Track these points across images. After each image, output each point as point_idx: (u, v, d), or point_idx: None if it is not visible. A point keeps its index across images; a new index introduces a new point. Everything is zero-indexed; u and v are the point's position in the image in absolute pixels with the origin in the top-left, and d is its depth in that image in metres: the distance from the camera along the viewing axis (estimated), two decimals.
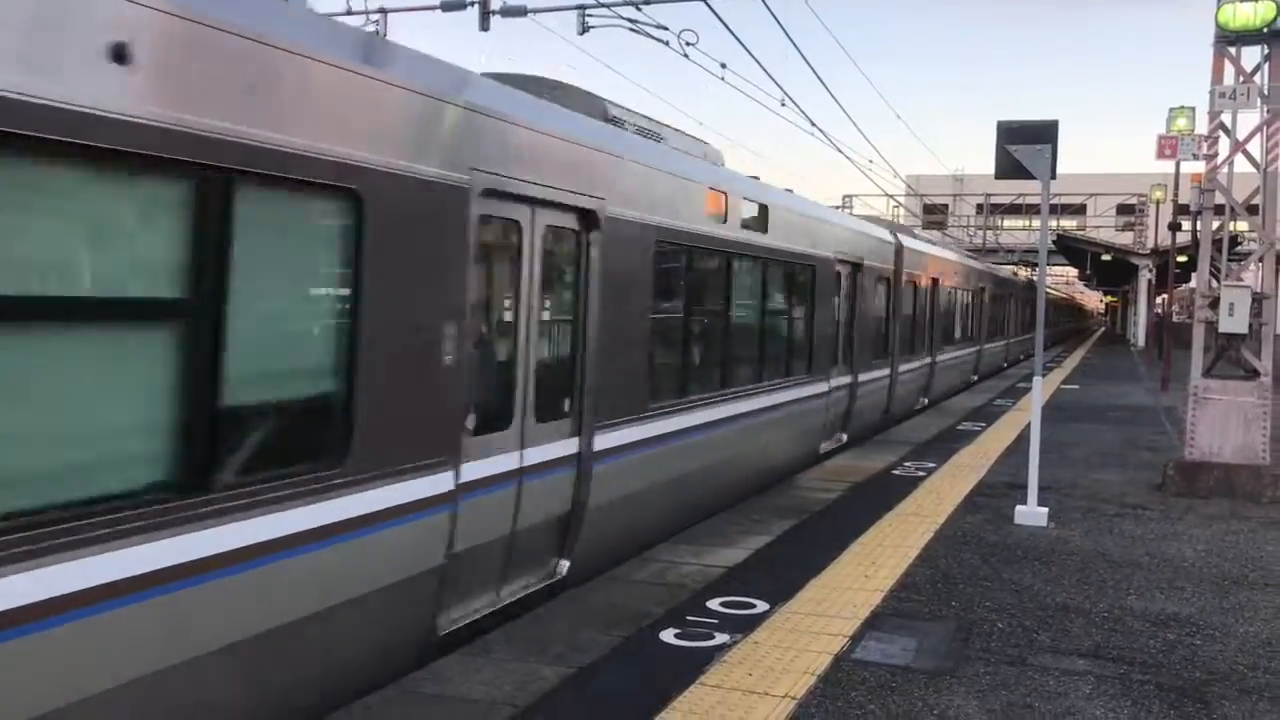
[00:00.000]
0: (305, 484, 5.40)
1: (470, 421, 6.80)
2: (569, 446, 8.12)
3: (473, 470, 6.83)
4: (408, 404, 6.16)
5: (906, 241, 20.30)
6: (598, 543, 8.58)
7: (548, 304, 7.83)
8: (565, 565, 8.24)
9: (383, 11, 17.92)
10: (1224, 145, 13.14)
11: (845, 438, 16.02)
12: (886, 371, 18.51)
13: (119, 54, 4.32)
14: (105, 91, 4.27)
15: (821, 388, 14.44)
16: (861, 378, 16.51)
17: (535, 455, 7.65)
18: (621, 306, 8.73)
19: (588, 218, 8.21)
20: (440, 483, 6.47)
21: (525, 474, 7.52)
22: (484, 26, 16.25)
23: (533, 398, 7.58)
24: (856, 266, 16.06)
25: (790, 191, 14.56)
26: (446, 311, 6.47)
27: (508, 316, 7.37)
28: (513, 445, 7.38)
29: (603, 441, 8.47)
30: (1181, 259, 34.44)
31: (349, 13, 17.33)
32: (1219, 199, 13.14)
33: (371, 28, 17.04)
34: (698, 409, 10.45)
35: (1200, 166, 14.95)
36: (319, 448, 5.60)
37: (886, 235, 18.87)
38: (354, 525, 5.74)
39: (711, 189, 10.59)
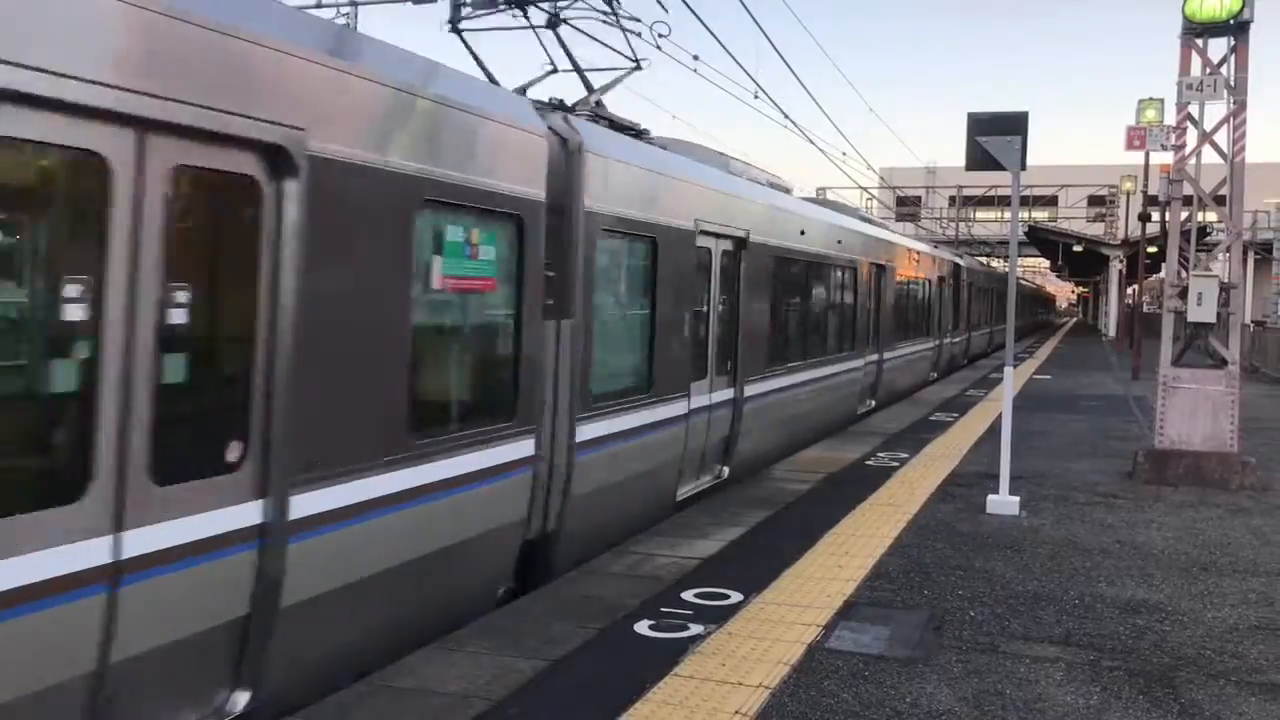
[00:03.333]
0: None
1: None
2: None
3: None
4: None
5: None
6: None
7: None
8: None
9: (353, 4, 17.76)
10: (1192, 136, 13.24)
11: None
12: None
13: None
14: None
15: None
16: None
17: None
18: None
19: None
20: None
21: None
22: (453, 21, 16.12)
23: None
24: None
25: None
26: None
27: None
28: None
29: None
30: (1151, 249, 34.70)
31: (319, 5, 17.17)
32: (1187, 190, 13.25)
33: (342, 20, 16.90)
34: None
35: (1169, 158, 15.08)
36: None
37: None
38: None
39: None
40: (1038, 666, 6.32)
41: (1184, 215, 13.68)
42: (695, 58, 16.95)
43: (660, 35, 14.99)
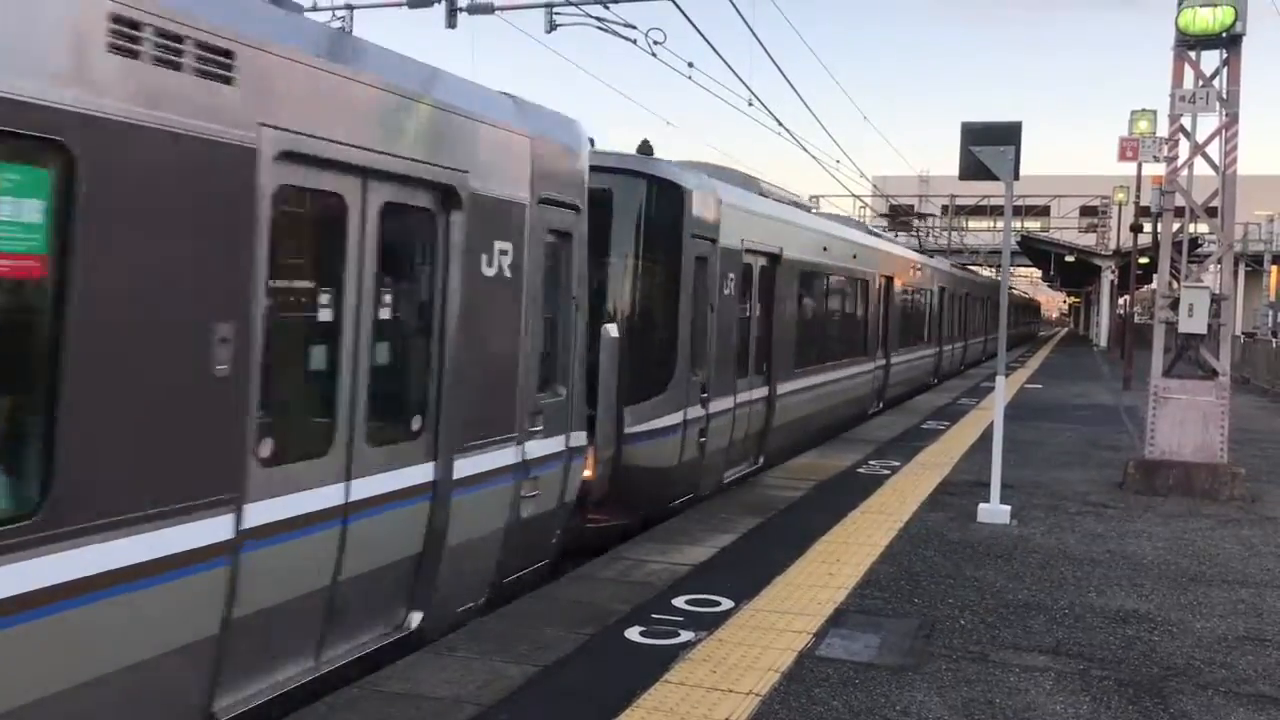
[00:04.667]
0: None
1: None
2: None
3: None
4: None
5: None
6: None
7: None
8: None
9: (349, 7, 17.78)
10: (1184, 148, 13.31)
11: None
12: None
13: None
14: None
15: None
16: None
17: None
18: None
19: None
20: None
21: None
22: (451, 24, 16.14)
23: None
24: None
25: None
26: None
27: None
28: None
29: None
30: (1143, 260, 34.80)
31: (315, 9, 17.19)
32: (1179, 201, 13.30)
33: (337, 24, 16.92)
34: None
35: (1161, 169, 15.13)
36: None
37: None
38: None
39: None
40: (1028, 675, 6.33)
41: (1176, 226, 13.74)
42: (690, 65, 16.99)
43: (655, 42, 15.05)
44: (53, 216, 4.19)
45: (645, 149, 11.96)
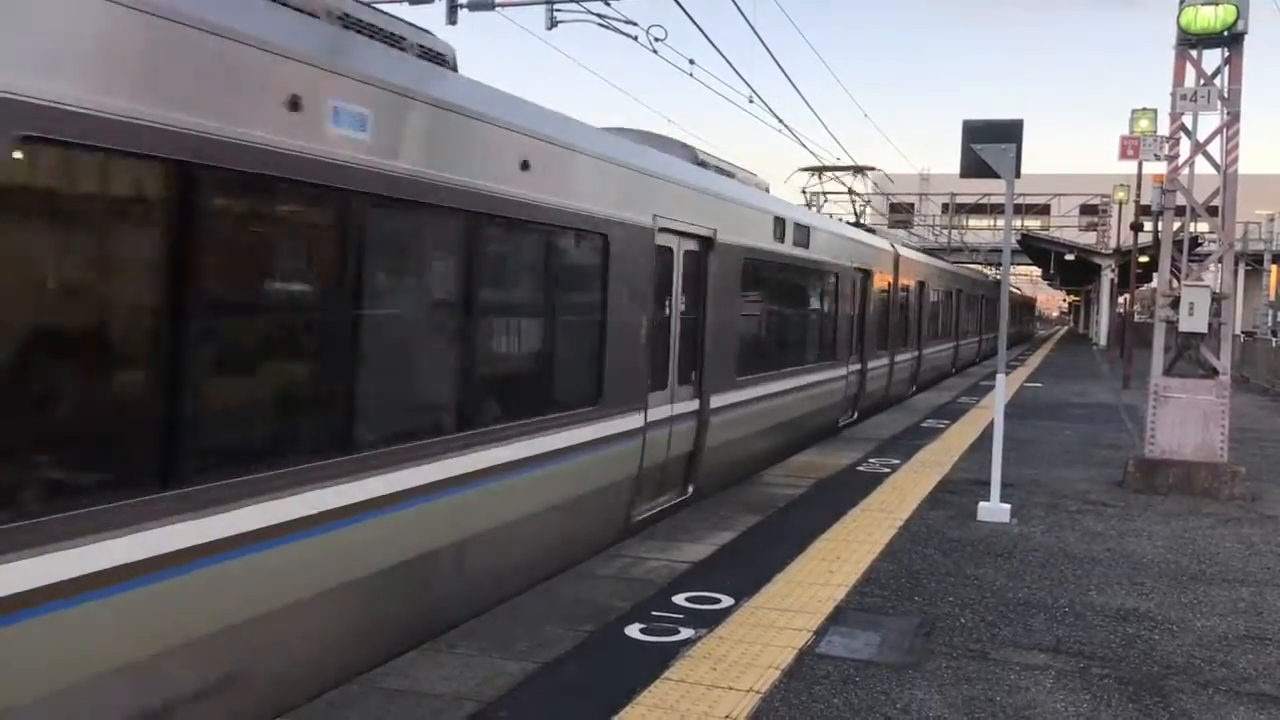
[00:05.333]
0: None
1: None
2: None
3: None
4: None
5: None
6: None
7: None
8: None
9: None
10: (1185, 147, 13.29)
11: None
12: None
13: None
14: None
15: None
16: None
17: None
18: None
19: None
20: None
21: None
22: (451, 20, 16.14)
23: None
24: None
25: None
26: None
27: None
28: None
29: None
30: (1143, 259, 34.78)
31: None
32: (1180, 200, 13.28)
33: None
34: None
35: (1162, 167, 15.12)
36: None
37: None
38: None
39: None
40: (1028, 674, 6.33)
41: (1176, 225, 13.73)
42: (691, 61, 17.00)
43: (656, 39, 15.04)
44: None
45: None
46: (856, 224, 23.40)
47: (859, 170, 25.36)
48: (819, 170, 24.50)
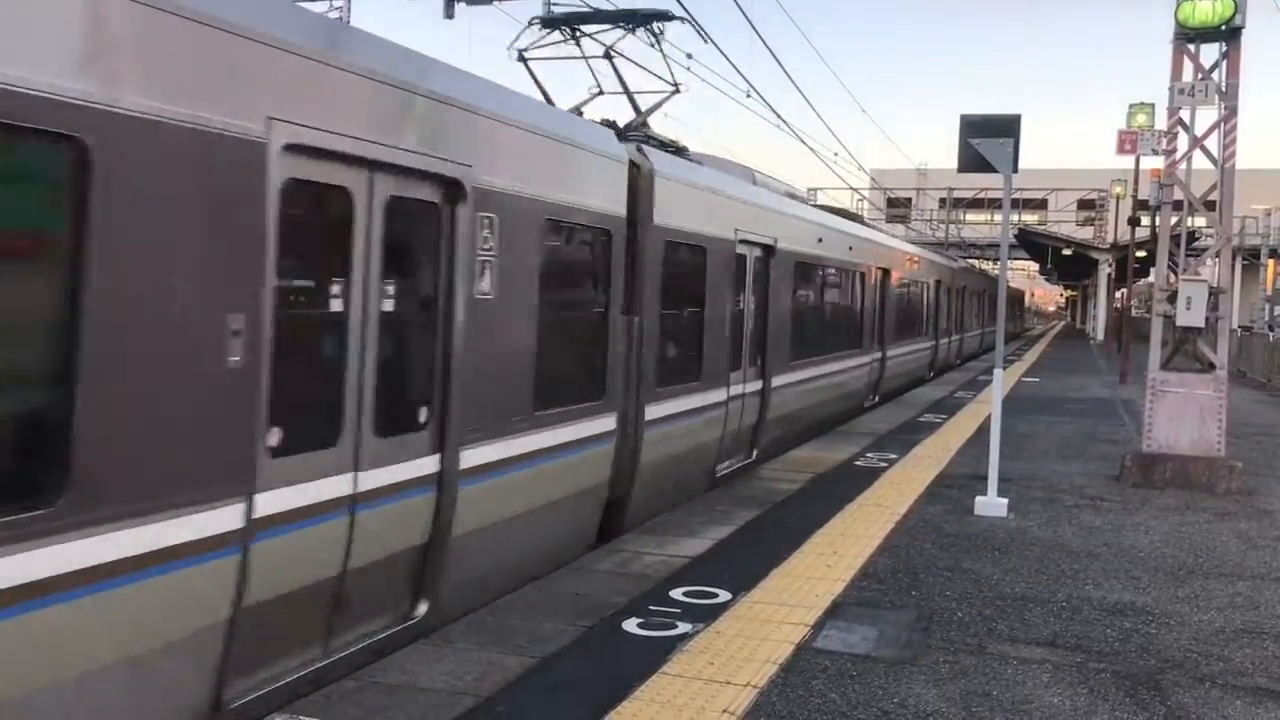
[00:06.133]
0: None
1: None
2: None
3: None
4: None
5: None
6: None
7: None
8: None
9: None
10: (1183, 141, 13.29)
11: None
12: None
13: None
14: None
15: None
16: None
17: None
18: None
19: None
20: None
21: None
22: (449, 14, 16.10)
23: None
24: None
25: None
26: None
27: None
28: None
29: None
30: (1141, 254, 34.86)
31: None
32: (1178, 194, 13.29)
33: (335, 13, 16.86)
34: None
35: (1160, 162, 15.13)
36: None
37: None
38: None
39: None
40: (1025, 668, 6.34)
41: (1174, 220, 13.73)
42: (689, 55, 16.99)
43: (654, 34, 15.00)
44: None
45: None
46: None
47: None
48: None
